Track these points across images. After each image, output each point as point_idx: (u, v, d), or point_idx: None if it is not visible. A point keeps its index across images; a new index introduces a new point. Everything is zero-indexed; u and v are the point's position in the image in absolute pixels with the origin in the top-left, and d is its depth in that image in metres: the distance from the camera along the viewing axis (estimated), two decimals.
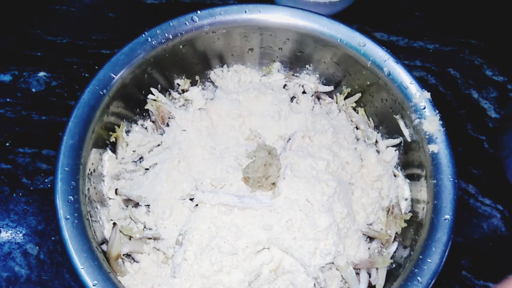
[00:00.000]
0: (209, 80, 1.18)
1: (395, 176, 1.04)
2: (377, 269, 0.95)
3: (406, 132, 1.00)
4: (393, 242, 0.98)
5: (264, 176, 0.91)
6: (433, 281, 0.80)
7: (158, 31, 1.00)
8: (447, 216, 0.84)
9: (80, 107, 0.90)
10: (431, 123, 0.92)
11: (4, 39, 1.34)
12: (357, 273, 0.94)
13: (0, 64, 1.29)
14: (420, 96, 0.95)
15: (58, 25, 1.37)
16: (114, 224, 0.90)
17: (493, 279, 1.09)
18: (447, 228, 0.83)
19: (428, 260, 0.81)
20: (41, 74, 1.29)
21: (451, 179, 0.87)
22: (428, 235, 0.84)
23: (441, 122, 0.92)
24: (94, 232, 0.85)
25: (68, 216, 0.80)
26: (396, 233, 0.99)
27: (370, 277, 0.94)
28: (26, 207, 1.12)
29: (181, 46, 1.04)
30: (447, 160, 0.89)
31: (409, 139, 1.00)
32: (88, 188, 0.90)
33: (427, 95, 0.95)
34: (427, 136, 0.93)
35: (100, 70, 0.94)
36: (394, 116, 1.02)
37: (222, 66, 1.17)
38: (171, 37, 1.01)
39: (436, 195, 0.87)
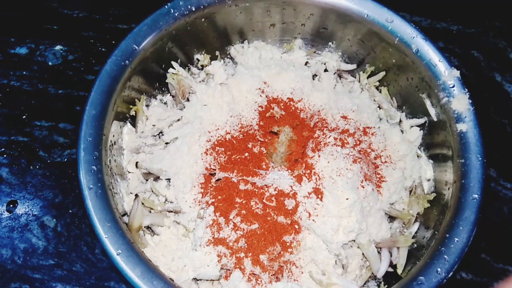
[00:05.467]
0: (228, 56, 1.16)
1: (418, 157, 1.02)
2: (398, 248, 0.94)
3: (432, 111, 0.98)
4: (414, 222, 0.97)
5: (288, 152, 0.90)
6: (460, 260, 0.79)
7: (181, 3, 0.98)
8: (476, 196, 0.83)
9: (103, 78, 0.88)
10: (460, 101, 0.90)
11: (20, 11, 1.32)
12: (378, 252, 0.93)
13: (16, 36, 1.28)
14: (449, 74, 0.93)
15: None
16: (136, 195, 0.89)
17: None
18: (475, 207, 0.82)
19: (456, 239, 0.80)
20: (58, 47, 1.28)
21: (480, 158, 0.86)
22: (455, 214, 0.83)
23: (470, 101, 0.90)
24: (116, 203, 0.84)
25: (92, 186, 0.79)
26: (418, 214, 0.98)
27: (391, 256, 0.93)
28: (43, 179, 1.11)
29: (202, 19, 1.02)
30: (475, 139, 0.88)
31: (435, 119, 0.98)
32: (110, 160, 0.89)
33: (456, 73, 0.93)
34: (456, 115, 0.91)
35: (122, 41, 0.92)
36: (420, 95, 1.00)
37: (242, 42, 1.15)
38: (193, 9, 0.99)
39: (464, 174, 0.85)
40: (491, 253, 1.08)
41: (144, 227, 0.90)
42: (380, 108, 1.08)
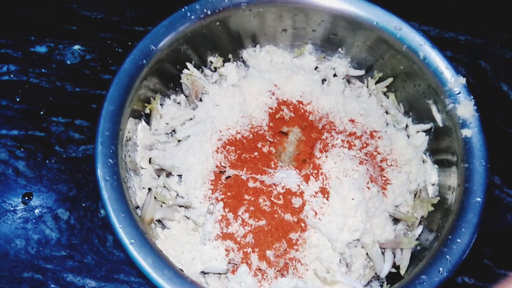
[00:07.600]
0: (241, 59, 1.19)
1: (423, 161, 1.05)
2: (401, 250, 0.96)
3: (438, 117, 1.00)
4: (418, 225, 0.99)
5: (296, 152, 0.93)
6: (462, 261, 0.81)
7: (197, 6, 1.02)
8: (478, 199, 0.85)
9: (121, 75, 0.92)
10: (466, 108, 0.93)
11: (41, 12, 1.37)
12: (382, 253, 0.95)
13: (37, 35, 1.32)
14: (455, 81, 0.96)
15: (93, 0, 1.40)
16: (149, 189, 0.92)
17: None
18: (478, 210, 0.84)
19: (458, 240, 0.82)
20: (76, 47, 1.32)
21: (484, 163, 0.88)
22: (458, 217, 0.85)
23: (475, 107, 0.93)
24: (130, 196, 0.87)
25: (108, 178, 0.83)
26: (422, 217, 1.00)
27: (394, 257, 0.95)
28: (58, 174, 1.15)
29: (217, 23, 1.06)
30: (480, 145, 0.90)
31: (440, 124, 1.00)
32: (125, 155, 0.92)
33: (462, 80, 0.95)
34: (461, 121, 0.93)
35: (141, 41, 0.96)
36: (427, 101, 1.02)
37: (254, 46, 1.18)
38: (209, 13, 1.03)
39: (467, 179, 0.88)
40: (493, 259, 1.10)
41: (156, 220, 0.93)
42: (387, 113, 1.11)
